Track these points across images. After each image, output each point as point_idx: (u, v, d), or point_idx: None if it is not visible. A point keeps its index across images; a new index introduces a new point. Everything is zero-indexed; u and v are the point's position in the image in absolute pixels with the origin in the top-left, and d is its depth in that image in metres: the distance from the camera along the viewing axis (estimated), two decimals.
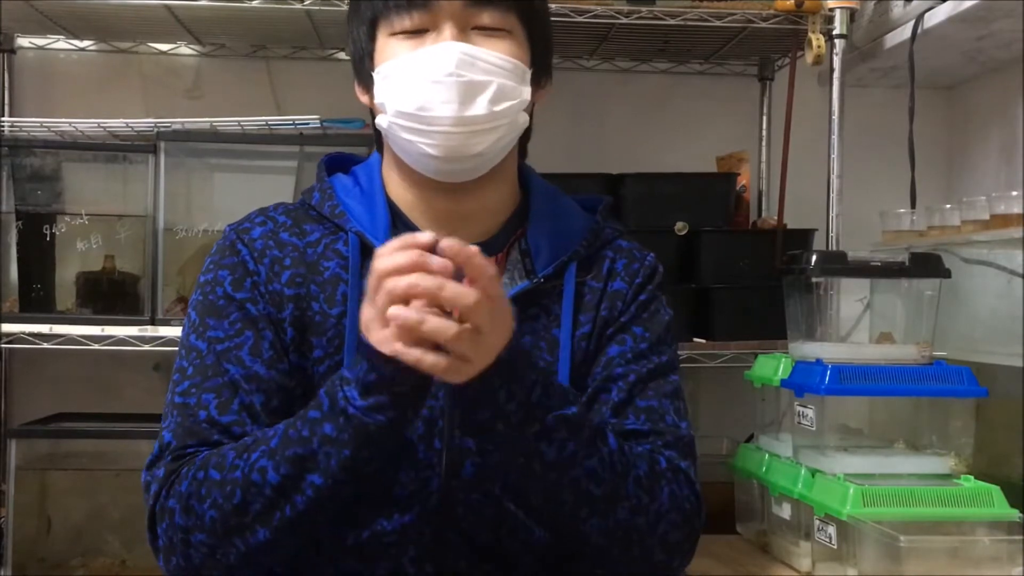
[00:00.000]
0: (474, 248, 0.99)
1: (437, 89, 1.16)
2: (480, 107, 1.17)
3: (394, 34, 1.20)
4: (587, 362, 1.25)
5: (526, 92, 1.22)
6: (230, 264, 1.23)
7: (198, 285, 1.24)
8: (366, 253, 1.21)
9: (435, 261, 0.98)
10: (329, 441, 1.06)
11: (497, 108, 1.18)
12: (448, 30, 1.18)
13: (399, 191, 1.27)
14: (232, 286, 1.21)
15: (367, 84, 1.25)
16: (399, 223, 1.25)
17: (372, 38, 1.23)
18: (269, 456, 1.08)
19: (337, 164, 1.34)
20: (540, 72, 1.26)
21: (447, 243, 0.99)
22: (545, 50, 1.28)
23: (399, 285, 0.98)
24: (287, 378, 1.19)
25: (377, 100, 1.22)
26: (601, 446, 1.12)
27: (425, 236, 1.00)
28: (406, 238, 1.01)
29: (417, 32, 1.19)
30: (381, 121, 1.22)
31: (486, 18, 1.19)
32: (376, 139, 1.32)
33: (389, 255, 1.00)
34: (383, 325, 1.00)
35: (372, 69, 1.23)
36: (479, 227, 1.26)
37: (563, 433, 1.09)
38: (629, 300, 1.27)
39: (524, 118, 1.23)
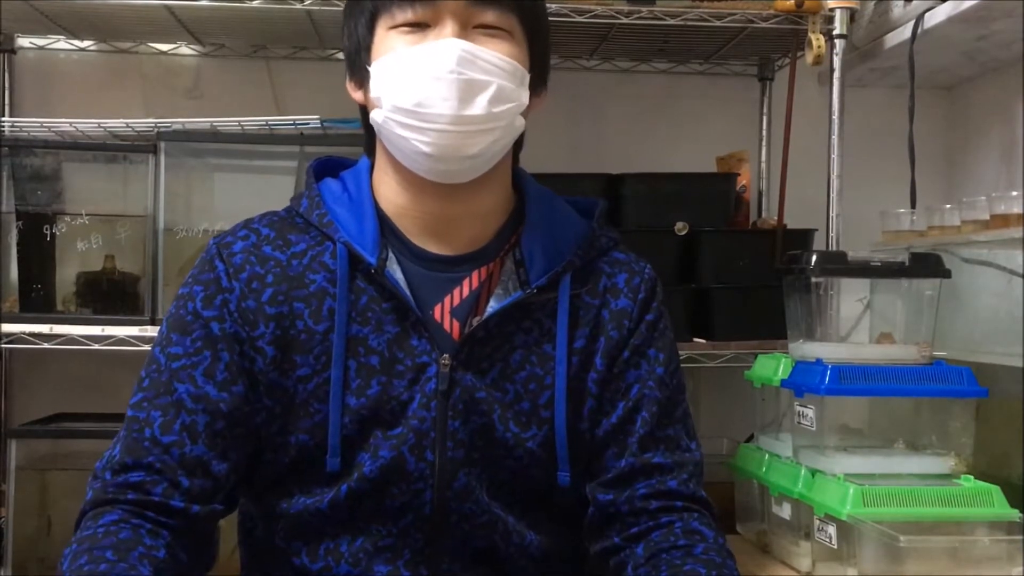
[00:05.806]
0: None
1: (437, 86, 1.14)
2: (479, 107, 1.15)
3: (395, 27, 1.19)
4: (579, 376, 1.24)
5: (524, 96, 1.21)
6: (205, 280, 1.22)
7: (176, 296, 1.24)
8: (354, 264, 1.21)
9: None
10: None
11: (496, 109, 1.16)
12: (450, 26, 1.17)
13: (390, 195, 1.25)
14: (202, 303, 1.21)
15: (361, 79, 1.24)
16: (388, 232, 1.24)
17: (371, 31, 1.21)
18: None
19: (326, 169, 1.32)
20: (537, 79, 1.25)
21: None
22: (543, 58, 1.27)
23: None
24: (240, 401, 1.19)
25: (373, 94, 1.20)
26: None
27: None
28: None
29: (418, 26, 1.18)
30: (376, 116, 1.20)
31: (489, 17, 1.18)
32: (367, 142, 1.30)
33: None
34: None
35: (368, 63, 1.21)
36: (471, 233, 1.25)
37: None
38: (636, 319, 1.27)
39: (521, 122, 1.22)
